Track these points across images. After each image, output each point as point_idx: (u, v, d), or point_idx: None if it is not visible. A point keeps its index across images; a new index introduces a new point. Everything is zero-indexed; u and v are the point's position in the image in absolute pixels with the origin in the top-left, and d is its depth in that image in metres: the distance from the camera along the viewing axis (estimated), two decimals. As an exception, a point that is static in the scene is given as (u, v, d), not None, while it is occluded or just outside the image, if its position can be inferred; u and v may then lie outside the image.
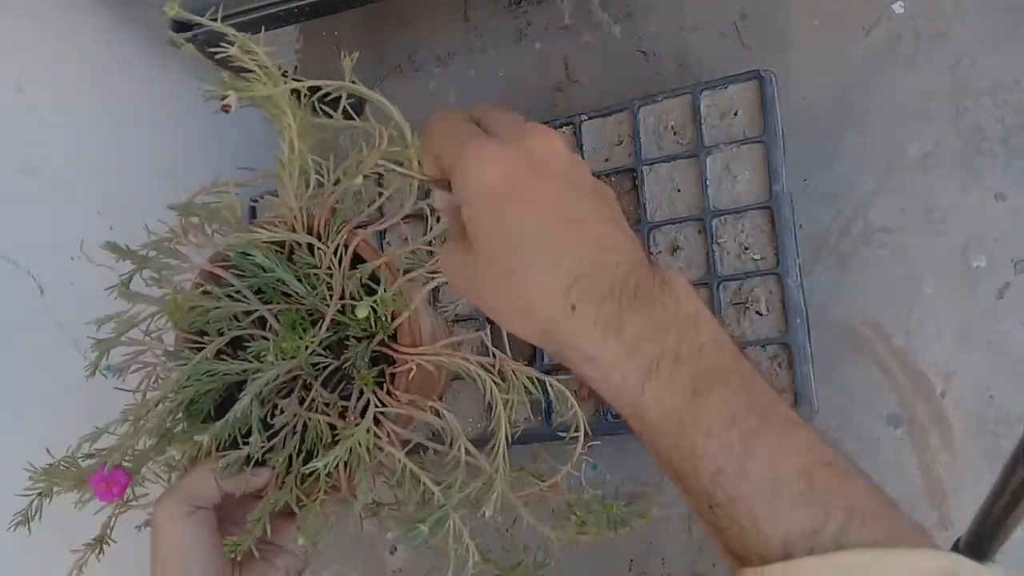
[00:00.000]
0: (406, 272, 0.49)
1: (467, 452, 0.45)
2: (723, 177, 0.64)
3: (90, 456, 0.48)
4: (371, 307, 0.46)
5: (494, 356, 0.47)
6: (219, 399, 0.51)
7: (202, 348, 0.48)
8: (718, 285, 0.63)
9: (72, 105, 0.67)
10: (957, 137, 0.62)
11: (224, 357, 0.49)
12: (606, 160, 0.69)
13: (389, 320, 0.46)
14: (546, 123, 0.71)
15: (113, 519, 0.49)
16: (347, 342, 0.49)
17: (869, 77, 0.66)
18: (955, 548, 0.50)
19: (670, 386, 0.30)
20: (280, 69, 0.45)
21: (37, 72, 0.64)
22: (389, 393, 0.47)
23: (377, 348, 0.48)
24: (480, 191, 0.31)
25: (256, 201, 0.74)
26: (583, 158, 0.69)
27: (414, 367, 0.46)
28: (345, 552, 0.74)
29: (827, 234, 0.65)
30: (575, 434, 0.47)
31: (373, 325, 0.46)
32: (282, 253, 0.49)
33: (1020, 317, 0.59)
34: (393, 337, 0.48)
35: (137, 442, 0.48)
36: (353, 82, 0.44)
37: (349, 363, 0.48)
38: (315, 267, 0.48)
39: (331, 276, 0.48)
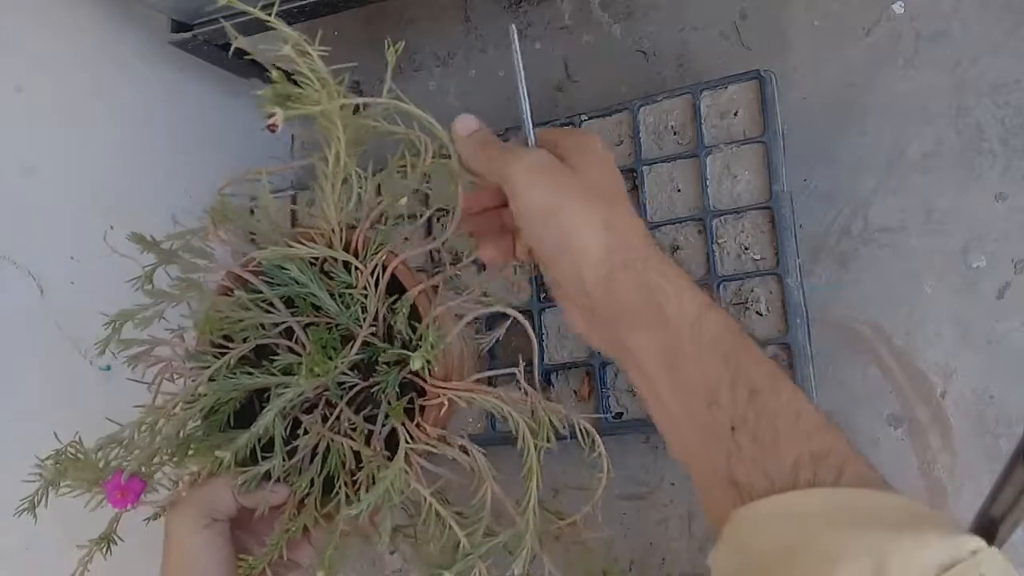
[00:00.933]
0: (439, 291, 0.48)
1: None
2: (723, 177, 0.64)
3: (100, 449, 0.47)
4: (408, 332, 0.45)
5: (526, 394, 0.45)
6: (239, 405, 0.50)
7: (224, 352, 0.47)
8: (718, 285, 0.63)
9: (72, 105, 0.67)
10: (957, 137, 0.62)
11: (246, 363, 0.48)
12: (606, 160, 0.69)
13: (430, 350, 0.44)
14: (546, 124, 0.71)
15: (119, 516, 0.49)
16: (376, 365, 0.47)
17: (869, 77, 0.66)
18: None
19: (724, 318, 0.36)
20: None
21: (37, 72, 0.64)
22: (419, 427, 0.46)
23: (407, 376, 0.47)
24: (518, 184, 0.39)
25: (254, 200, 0.74)
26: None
27: (446, 402, 0.45)
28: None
29: (827, 234, 0.65)
30: (599, 475, 0.47)
31: (407, 340, 0.45)
32: (315, 266, 0.48)
33: (1020, 317, 0.59)
34: (433, 365, 0.46)
35: (153, 450, 0.47)
36: (397, 97, 0.42)
37: (378, 388, 0.47)
38: (350, 286, 0.47)
39: (365, 297, 0.47)
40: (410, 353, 0.45)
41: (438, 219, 0.67)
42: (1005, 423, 0.59)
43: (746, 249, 0.63)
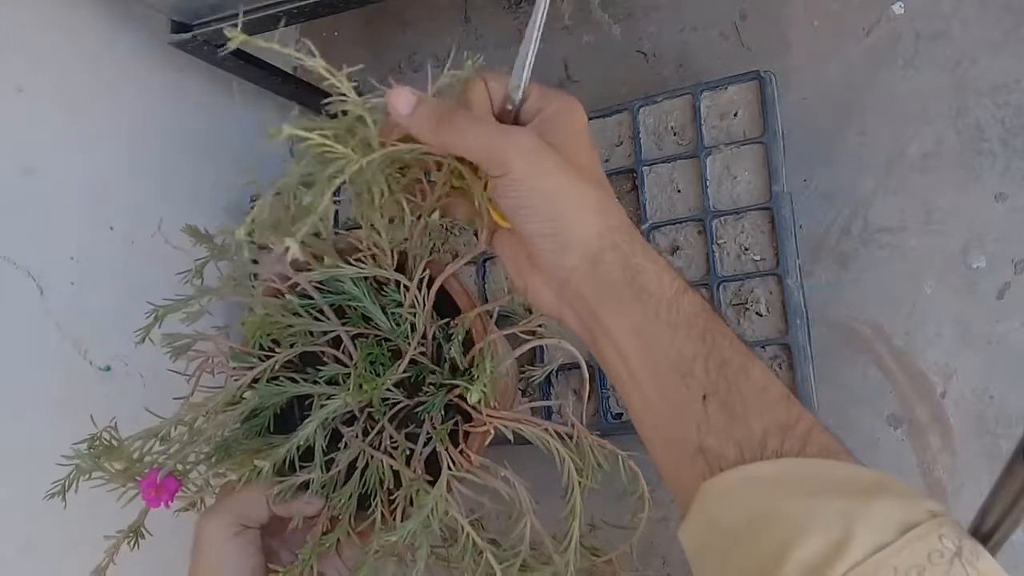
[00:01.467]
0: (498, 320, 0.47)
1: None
2: (723, 178, 0.64)
3: (138, 442, 0.46)
4: (460, 357, 0.44)
5: (572, 426, 0.44)
6: (279, 411, 0.49)
7: (269, 356, 0.46)
8: (718, 286, 0.63)
9: (72, 105, 0.67)
10: (957, 137, 0.62)
11: (290, 368, 0.47)
12: (606, 161, 0.69)
13: (488, 383, 0.44)
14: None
15: (147, 509, 0.48)
16: (423, 385, 0.47)
17: (869, 77, 0.66)
18: (955, 548, 0.50)
19: (701, 300, 0.37)
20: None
21: (37, 72, 0.64)
22: (462, 453, 0.45)
23: (452, 398, 0.46)
24: (529, 185, 0.38)
25: (255, 200, 0.74)
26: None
27: (492, 431, 0.44)
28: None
29: (827, 234, 0.65)
30: (640, 515, 0.46)
31: (460, 369, 0.45)
32: (368, 279, 0.47)
33: (1020, 317, 0.59)
34: (490, 398, 0.45)
35: (190, 454, 0.46)
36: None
37: (422, 408, 0.46)
38: (400, 304, 0.46)
39: (414, 315, 0.46)
40: (460, 382, 0.44)
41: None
42: (1005, 423, 0.59)
43: (746, 250, 0.63)
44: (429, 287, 0.45)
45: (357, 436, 0.47)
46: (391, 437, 0.47)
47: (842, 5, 0.67)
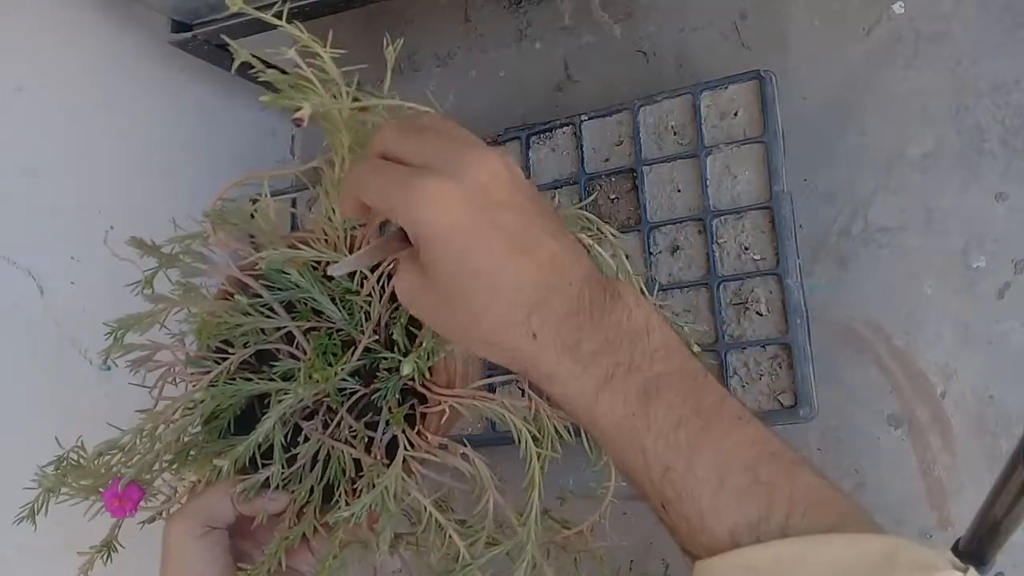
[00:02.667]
0: None
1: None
2: (723, 177, 0.64)
3: (102, 457, 0.46)
4: (406, 340, 0.44)
5: (531, 400, 0.44)
6: (239, 412, 0.49)
7: (225, 358, 0.47)
8: (718, 285, 0.63)
9: (72, 105, 0.67)
10: (957, 137, 0.62)
11: (247, 368, 0.47)
12: (606, 160, 0.69)
13: (426, 360, 0.44)
14: (546, 123, 0.71)
15: (120, 522, 0.48)
16: (377, 372, 0.47)
17: (869, 77, 0.66)
18: (955, 549, 0.50)
19: (623, 394, 0.32)
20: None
21: (37, 72, 0.64)
22: (419, 434, 0.45)
23: (408, 382, 0.46)
24: (436, 234, 0.32)
25: (256, 200, 0.74)
26: (583, 159, 0.69)
27: (447, 409, 0.44)
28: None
29: (827, 234, 0.65)
30: (606, 484, 0.46)
31: (404, 349, 0.45)
32: (317, 269, 0.47)
33: (1020, 317, 0.59)
34: (425, 371, 0.45)
35: (153, 457, 0.46)
36: (403, 98, 0.41)
37: (379, 395, 0.46)
38: (353, 292, 0.46)
39: (369, 303, 0.46)
40: (398, 356, 0.44)
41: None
42: (1005, 423, 0.59)
43: (746, 249, 0.63)
44: (389, 278, 0.45)
45: (317, 429, 0.47)
46: (350, 426, 0.47)
47: (842, 5, 0.67)
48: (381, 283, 0.46)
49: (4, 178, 0.61)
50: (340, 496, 0.46)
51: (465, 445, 0.45)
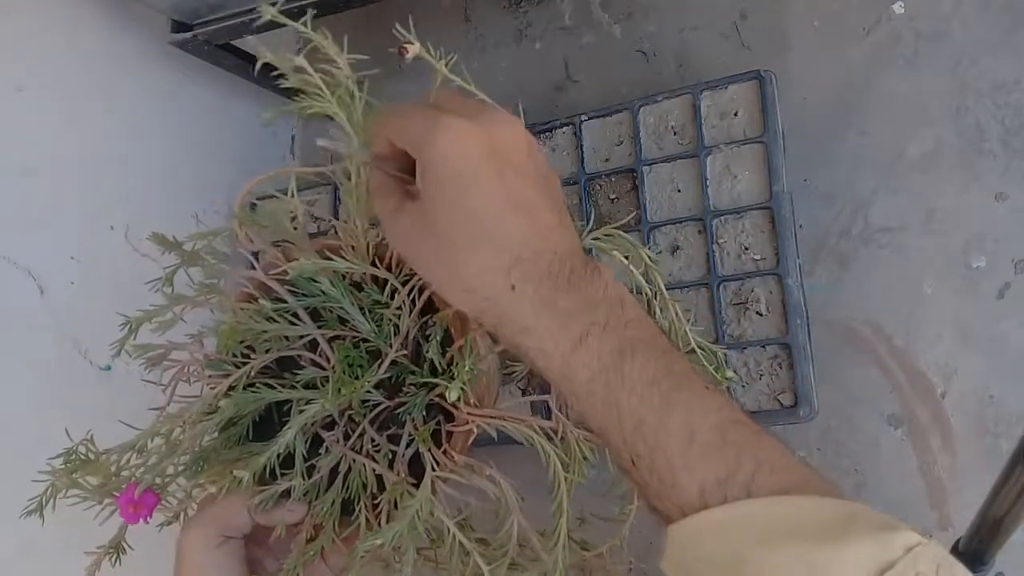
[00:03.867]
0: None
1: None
2: (723, 177, 0.64)
3: (112, 455, 0.45)
4: (439, 358, 0.43)
5: (557, 422, 0.43)
6: (257, 418, 0.48)
7: (245, 362, 0.45)
8: (718, 285, 0.63)
9: (72, 105, 0.67)
10: (957, 137, 0.62)
11: (267, 374, 0.46)
12: (606, 160, 0.69)
13: (468, 381, 0.42)
14: (546, 123, 0.71)
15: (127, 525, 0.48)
16: (403, 386, 0.46)
17: (869, 77, 0.66)
18: (955, 549, 0.50)
19: (598, 350, 0.33)
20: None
21: (38, 72, 0.64)
22: (446, 454, 0.44)
23: (434, 398, 0.45)
24: (449, 166, 0.33)
25: (256, 204, 0.74)
26: (583, 158, 0.69)
27: (475, 429, 0.43)
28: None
29: (827, 234, 0.65)
30: (628, 507, 0.45)
31: (439, 369, 0.44)
32: (346, 278, 0.46)
33: (1020, 317, 0.59)
34: (469, 396, 0.44)
35: (170, 463, 0.45)
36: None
37: (404, 410, 0.45)
38: (383, 304, 0.45)
39: (398, 316, 0.44)
40: (440, 381, 0.43)
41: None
42: (1005, 423, 0.59)
43: (746, 249, 0.63)
44: (421, 291, 0.44)
45: (338, 440, 0.46)
46: (373, 440, 0.46)
47: (842, 5, 0.67)
48: (412, 296, 0.44)
49: (4, 178, 0.61)
50: (360, 512, 0.45)
51: (491, 466, 0.44)
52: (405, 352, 0.46)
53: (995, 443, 0.59)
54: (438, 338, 0.44)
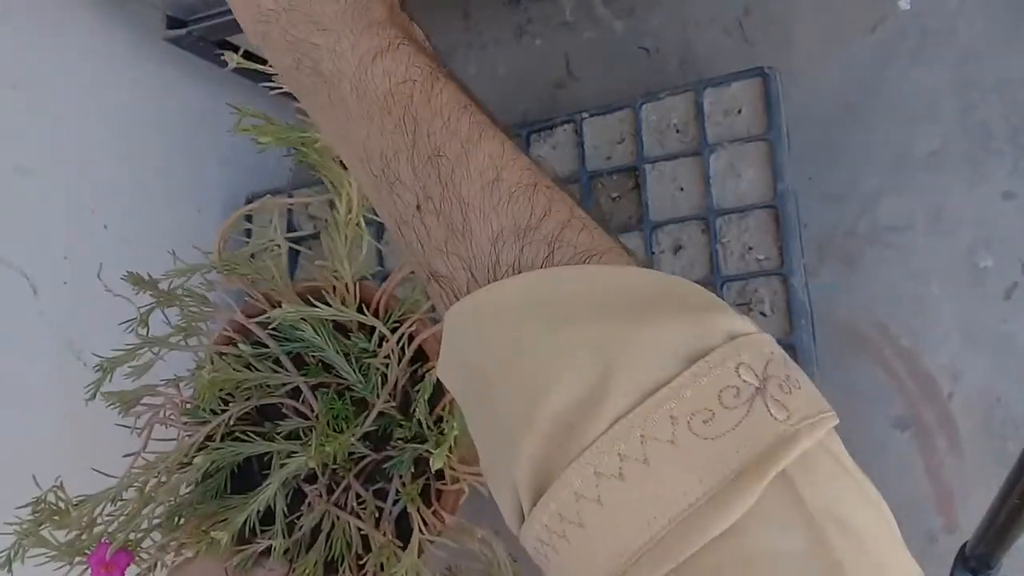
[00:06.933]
0: None
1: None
2: (727, 176, 0.63)
3: (84, 505, 0.44)
4: (427, 414, 0.41)
5: None
6: (236, 468, 0.47)
7: (224, 409, 0.44)
8: (722, 285, 0.62)
9: (66, 103, 0.67)
10: (964, 135, 0.62)
11: (246, 421, 0.45)
12: (608, 158, 0.68)
13: (453, 446, 0.41)
14: (547, 121, 0.70)
15: None
16: (391, 440, 0.44)
17: (875, 74, 0.65)
18: (961, 552, 0.49)
19: (408, 63, 0.27)
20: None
21: (31, 70, 0.63)
22: (435, 514, 0.42)
23: (424, 452, 0.43)
24: None
25: (250, 200, 0.73)
26: (584, 156, 0.68)
27: (466, 489, 0.41)
28: None
29: (832, 234, 0.65)
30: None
31: (426, 429, 0.42)
32: (329, 324, 0.44)
33: (1028, 318, 0.59)
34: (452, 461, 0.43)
35: (143, 520, 0.44)
36: None
37: (391, 464, 0.44)
38: (371, 353, 0.43)
39: (387, 365, 0.43)
40: (427, 445, 0.41)
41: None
42: (1012, 425, 0.58)
43: (750, 249, 0.62)
44: (410, 340, 0.42)
45: (321, 495, 0.45)
46: (358, 495, 0.44)
47: (847, 1, 0.66)
48: (401, 344, 0.43)
49: (-3, 177, 0.60)
50: (344, 572, 0.43)
51: (483, 527, 0.42)
52: (393, 403, 0.44)
53: (1002, 445, 0.58)
54: (426, 396, 0.42)
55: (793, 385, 0.22)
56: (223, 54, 0.42)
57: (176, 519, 0.46)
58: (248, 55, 0.76)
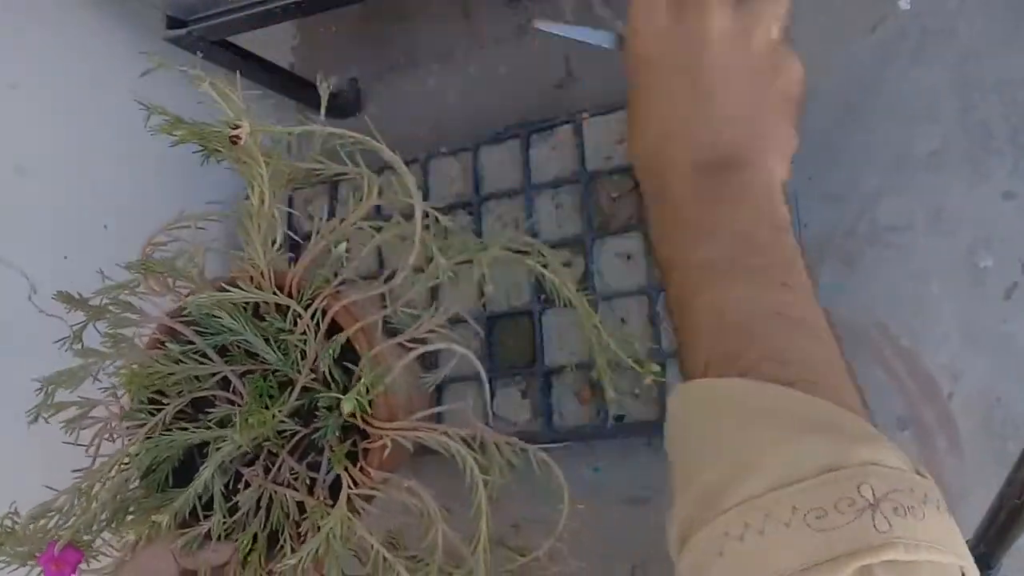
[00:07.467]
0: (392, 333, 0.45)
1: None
2: (727, 176, 0.63)
3: (36, 519, 0.45)
4: (341, 375, 0.43)
5: (474, 428, 0.44)
6: (177, 463, 0.48)
7: (160, 408, 0.46)
8: (721, 285, 0.62)
9: (66, 102, 0.67)
10: (964, 135, 0.62)
11: (183, 418, 0.46)
12: (608, 158, 0.68)
13: (364, 394, 0.43)
14: (547, 121, 0.70)
15: None
16: (316, 411, 0.46)
17: (875, 74, 0.65)
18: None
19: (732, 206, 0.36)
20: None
21: (31, 69, 0.63)
22: (363, 471, 0.44)
23: (349, 419, 0.45)
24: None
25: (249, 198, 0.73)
26: (584, 157, 0.68)
27: (389, 444, 0.43)
28: None
29: (832, 234, 0.64)
30: (559, 506, 0.45)
31: (334, 381, 0.44)
32: (247, 310, 0.46)
33: (1028, 318, 0.58)
34: (367, 408, 0.44)
35: (90, 517, 0.45)
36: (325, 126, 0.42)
37: (319, 434, 0.45)
38: (287, 331, 0.45)
39: (304, 342, 0.45)
40: (339, 394, 0.43)
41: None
42: (1013, 425, 0.58)
43: (750, 249, 0.62)
44: (324, 313, 0.44)
45: (258, 475, 0.46)
46: (291, 469, 0.46)
47: (847, 1, 0.66)
48: (316, 319, 0.44)
49: (-3, 177, 0.60)
50: (285, 541, 0.45)
51: (410, 479, 0.44)
52: (315, 377, 0.45)
53: (1003, 446, 0.58)
54: (333, 355, 0.44)
55: (912, 514, 0.27)
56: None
57: (122, 515, 0.47)
58: (246, 53, 0.76)
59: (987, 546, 0.49)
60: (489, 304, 0.66)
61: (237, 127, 0.37)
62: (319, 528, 0.42)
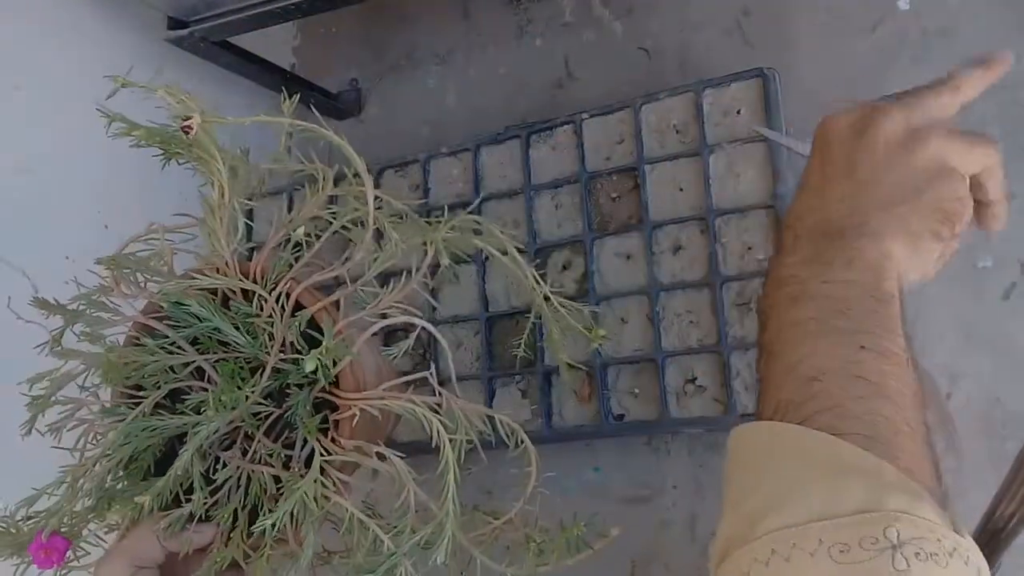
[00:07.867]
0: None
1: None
2: (726, 176, 0.63)
3: (29, 519, 0.47)
4: (305, 343, 0.45)
5: (441, 395, 0.46)
6: (159, 454, 0.50)
7: (139, 403, 0.47)
8: (721, 285, 0.62)
9: (68, 103, 0.67)
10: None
11: (162, 410, 0.47)
12: (607, 159, 0.68)
13: (331, 366, 0.45)
14: (547, 122, 0.70)
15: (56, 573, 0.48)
16: (288, 390, 0.47)
17: (875, 74, 0.65)
18: (960, 552, 0.50)
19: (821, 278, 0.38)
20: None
21: (33, 71, 0.64)
22: (333, 440, 0.46)
23: (320, 395, 0.47)
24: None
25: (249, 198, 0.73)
26: (584, 157, 0.68)
27: (357, 412, 0.45)
28: None
29: (831, 234, 0.64)
30: (528, 468, 0.46)
31: (315, 372, 0.45)
32: (215, 300, 0.48)
33: (1027, 318, 0.59)
34: (335, 383, 0.46)
35: (75, 505, 0.46)
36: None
37: (291, 411, 0.47)
38: (254, 315, 0.47)
39: (271, 324, 0.47)
40: (318, 383, 0.45)
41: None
42: (1011, 425, 0.58)
43: (749, 249, 0.62)
44: (288, 296, 0.46)
45: (236, 456, 0.48)
46: (267, 447, 0.47)
47: (847, 1, 0.67)
48: (280, 302, 0.46)
49: (0, 176, 0.60)
50: (264, 514, 0.45)
51: (379, 444, 0.45)
52: (284, 357, 0.47)
53: (1001, 446, 0.58)
54: (298, 327, 0.46)
55: (935, 561, 0.29)
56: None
57: (106, 504, 0.48)
58: (247, 54, 0.76)
59: (985, 546, 0.49)
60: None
61: (188, 118, 0.39)
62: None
